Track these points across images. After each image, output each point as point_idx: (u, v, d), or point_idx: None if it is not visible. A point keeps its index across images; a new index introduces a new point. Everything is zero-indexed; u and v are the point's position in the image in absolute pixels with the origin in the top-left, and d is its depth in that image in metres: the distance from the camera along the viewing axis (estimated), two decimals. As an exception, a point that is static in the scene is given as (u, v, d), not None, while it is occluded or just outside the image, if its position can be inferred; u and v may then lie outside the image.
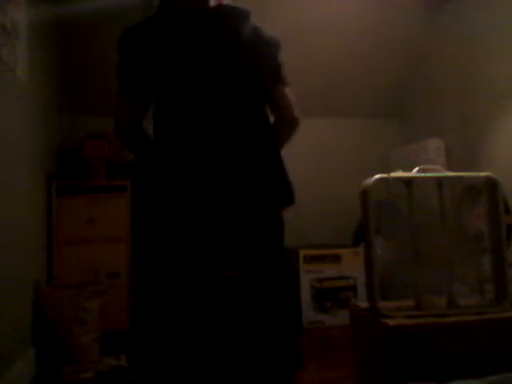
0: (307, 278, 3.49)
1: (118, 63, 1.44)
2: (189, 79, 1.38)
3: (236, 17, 1.43)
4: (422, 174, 1.70)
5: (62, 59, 3.41)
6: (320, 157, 4.15)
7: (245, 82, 1.41)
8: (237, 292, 1.55)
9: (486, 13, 3.14)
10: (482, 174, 1.70)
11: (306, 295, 3.48)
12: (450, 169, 2.04)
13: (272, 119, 1.53)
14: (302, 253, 3.52)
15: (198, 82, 1.37)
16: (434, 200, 1.68)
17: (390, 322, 1.50)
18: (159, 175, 1.37)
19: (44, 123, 2.96)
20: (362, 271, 1.71)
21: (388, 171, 1.69)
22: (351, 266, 3.50)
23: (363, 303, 1.72)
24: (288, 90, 1.51)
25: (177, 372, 1.53)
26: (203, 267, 1.46)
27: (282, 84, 1.50)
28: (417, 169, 1.72)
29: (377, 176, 1.64)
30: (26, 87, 2.52)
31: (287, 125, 1.55)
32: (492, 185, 1.67)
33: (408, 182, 1.66)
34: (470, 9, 3.31)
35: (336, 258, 3.56)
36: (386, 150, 4.08)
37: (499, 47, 3.01)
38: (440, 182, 1.68)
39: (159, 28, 1.41)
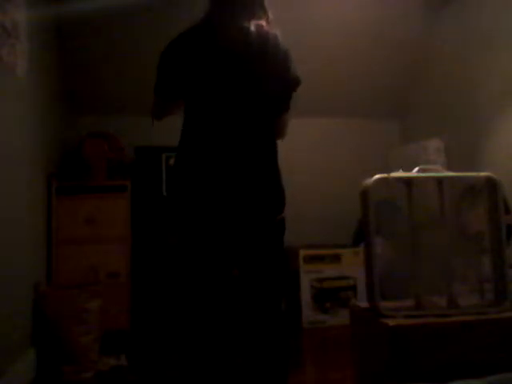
0: (307, 278, 3.49)
1: (159, 72, 1.67)
2: (214, 97, 1.61)
3: (268, 47, 1.62)
4: (422, 174, 1.70)
5: (62, 59, 3.41)
6: (320, 157, 4.15)
7: (260, 106, 1.63)
8: (238, 290, 1.67)
9: (487, 13, 3.14)
10: (482, 174, 1.70)
11: (306, 295, 3.48)
12: (450, 169, 2.04)
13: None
14: (302, 253, 3.52)
15: (223, 100, 1.60)
16: (434, 200, 1.68)
17: (390, 322, 1.50)
18: (183, 185, 1.61)
19: (44, 123, 2.96)
20: (362, 271, 1.70)
21: (388, 171, 1.69)
22: (351, 265, 3.50)
23: (363, 303, 1.72)
24: (287, 115, 1.76)
25: (189, 369, 1.65)
26: (217, 265, 1.63)
27: (286, 111, 1.74)
28: (417, 169, 1.72)
29: (377, 176, 1.64)
30: (25, 87, 2.52)
31: None
32: (492, 185, 1.67)
33: (408, 182, 1.66)
34: (470, 10, 3.31)
35: (336, 258, 3.56)
36: (386, 150, 4.07)
37: (499, 47, 3.01)
38: (440, 181, 1.68)
39: (196, 47, 1.61)
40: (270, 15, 1.69)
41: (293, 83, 1.69)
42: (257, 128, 1.62)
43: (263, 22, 1.63)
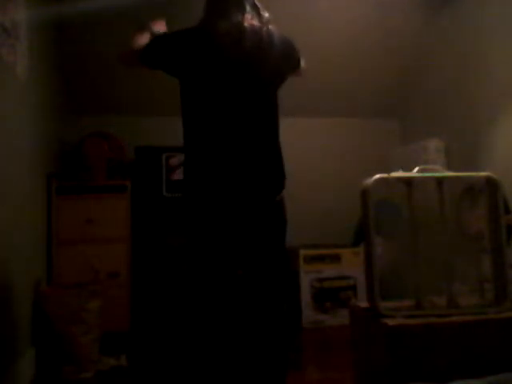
0: (307, 278, 3.49)
1: (159, 41, 1.77)
2: (215, 93, 1.69)
3: (263, 38, 1.72)
4: (422, 174, 1.70)
5: (62, 59, 3.40)
6: (320, 157, 4.15)
7: (262, 96, 1.73)
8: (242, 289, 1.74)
9: (486, 13, 3.13)
10: (482, 173, 1.70)
11: (305, 295, 3.48)
12: (450, 169, 2.04)
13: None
14: (302, 253, 3.51)
15: (224, 97, 1.69)
16: (434, 200, 1.68)
17: (390, 322, 1.50)
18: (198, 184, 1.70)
19: (44, 123, 2.96)
20: (362, 271, 1.71)
21: (388, 171, 1.69)
22: (351, 265, 3.50)
23: (363, 303, 1.72)
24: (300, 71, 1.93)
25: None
26: (224, 263, 1.70)
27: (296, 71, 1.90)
28: (417, 169, 1.72)
29: (377, 176, 1.64)
30: (25, 87, 2.52)
31: None
32: (492, 185, 1.67)
33: (408, 182, 1.66)
34: (470, 9, 3.31)
35: (336, 258, 3.56)
36: (386, 150, 4.07)
37: (499, 47, 3.01)
38: (440, 181, 1.68)
39: (195, 43, 1.71)
40: (266, 14, 1.78)
41: (293, 65, 1.86)
42: (258, 118, 1.72)
43: (255, 20, 1.74)
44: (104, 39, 3.40)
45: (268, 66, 1.74)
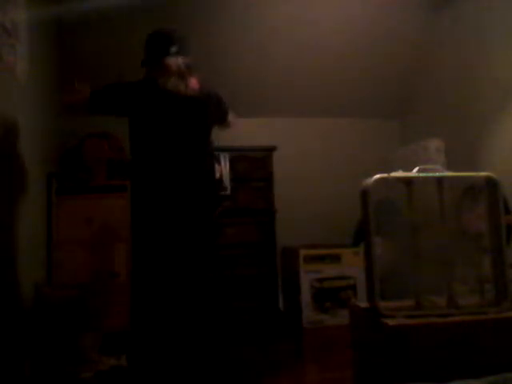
0: (307, 278, 3.49)
1: (113, 91, 2.33)
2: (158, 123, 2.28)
3: (203, 103, 2.29)
4: (422, 174, 1.70)
5: (62, 59, 3.40)
6: (320, 157, 4.15)
7: (194, 128, 2.29)
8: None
9: (486, 13, 3.14)
10: (482, 173, 1.70)
11: (306, 295, 3.48)
12: (449, 169, 2.04)
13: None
14: (302, 253, 3.51)
15: (165, 128, 2.27)
16: (434, 200, 1.68)
17: (390, 322, 1.50)
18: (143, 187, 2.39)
19: (44, 123, 2.96)
20: (362, 271, 1.71)
21: (388, 171, 1.69)
22: (351, 265, 3.50)
23: (363, 303, 1.72)
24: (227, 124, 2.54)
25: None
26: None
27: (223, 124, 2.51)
28: (417, 169, 1.72)
29: (377, 176, 1.64)
30: (25, 87, 2.52)
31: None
32: (492, 185, 1.67)
33: (408, 182, 1.66)
34: (470, 9, 3.31)
35: (336, 258, 3.56)
36: (386, 150, 4.07)
37: (499, 47, 3.01)
38: (440, 181, 1.68)
39: (142, 90, 2.29)
40: (196, 77, 2.25)
41: (222, 119, 2.43)
42: (192, 145, 2.26)
43: (192, 81, 2.24)
44: (104, 39, 3.40)
45: (204, 119, 2.29)
